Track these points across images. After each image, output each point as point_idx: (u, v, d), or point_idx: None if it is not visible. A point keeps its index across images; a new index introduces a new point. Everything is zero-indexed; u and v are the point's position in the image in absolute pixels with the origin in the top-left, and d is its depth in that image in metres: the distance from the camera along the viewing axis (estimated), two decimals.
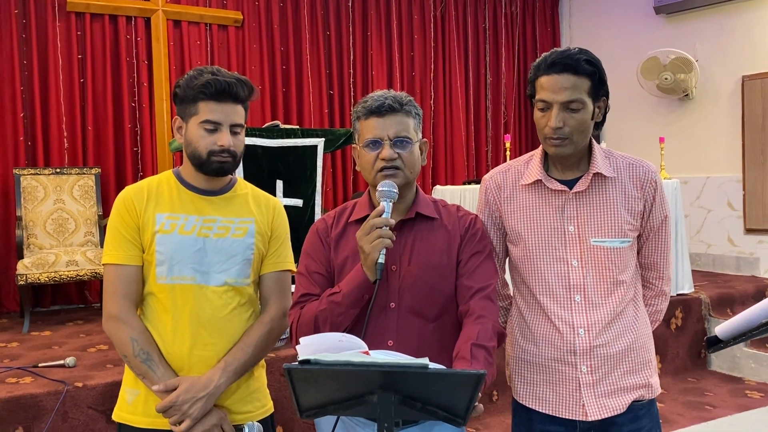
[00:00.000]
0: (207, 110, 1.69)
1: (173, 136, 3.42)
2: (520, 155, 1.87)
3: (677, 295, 4.74)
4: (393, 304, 1.61)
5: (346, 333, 1.41)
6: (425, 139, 1.73)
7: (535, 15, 7.38)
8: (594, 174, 1.71)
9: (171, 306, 1.71)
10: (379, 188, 1.58)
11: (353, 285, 1.55)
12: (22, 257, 4.37)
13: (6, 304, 4.97)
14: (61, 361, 3.23)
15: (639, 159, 1.77)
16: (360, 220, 1.65)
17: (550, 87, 1.63)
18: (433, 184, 6.35)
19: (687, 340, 4.72)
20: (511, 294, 1.92)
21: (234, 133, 1.72)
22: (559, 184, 1.73)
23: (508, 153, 5.44)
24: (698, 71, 6.05)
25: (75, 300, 5.15)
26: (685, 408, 3.98)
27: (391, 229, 1.53)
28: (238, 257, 1.76)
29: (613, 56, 6.50)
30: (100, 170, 5.04)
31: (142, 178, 4.46)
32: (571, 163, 1.73)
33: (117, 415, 1.77)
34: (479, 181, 4.53)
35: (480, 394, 1.25)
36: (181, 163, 1.84)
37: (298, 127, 4.19)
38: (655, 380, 1.78)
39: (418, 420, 1.59)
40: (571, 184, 1.73)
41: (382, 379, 1.21)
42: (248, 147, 3.19)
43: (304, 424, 3.33)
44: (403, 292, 1.61)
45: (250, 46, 5.90)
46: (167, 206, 1.75)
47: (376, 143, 1.62)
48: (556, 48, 1.72)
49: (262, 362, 1.87)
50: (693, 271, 5.10)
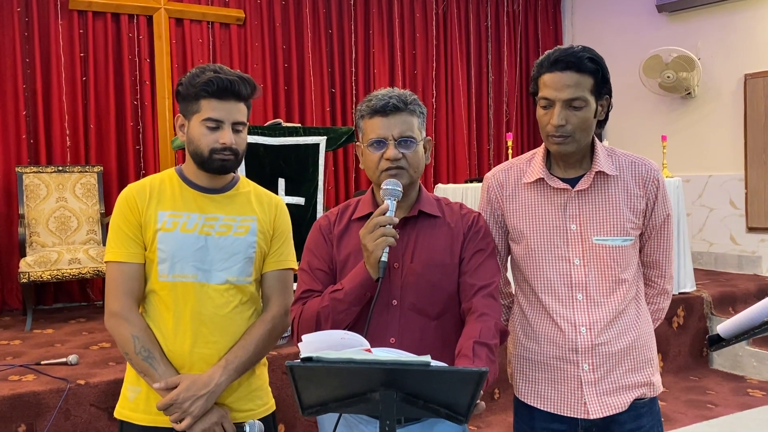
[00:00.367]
0: (209, 108, 1.68)
1: (175, 134, 3.43)
2: (522, 153, 1.87)
3: (679, 293, 4.73)
4: (395, 302, 1.61)
5: (349, 330, 1.41)
6: (429, 138, 1.72)
7: (537, 13, 7.36)
8: (596, 172, 1.70)
9: (172, 304, 1.71)
10: (383, 186, 1.58)
11: (356, 282, 1.55)
12: (25, 255, 4.37)
13: (8, 302, 4.98)
14: (64, 359, 3.24)
15: (641, 157, 1.77)
16: (363, 218, 1.65)
17: (553, 84, 1.62)
18: (435, 183, 6.34)
19: (689, 338, 4.72)
20: (513, 292, 1.92)
21: (236, 131, 1.71)
22: (561, 182, 1.72)
23: (510, 151, 5.43)
24: (700, 69, 6.04)
25: (77, 298, 5.16)
26: (686, 406, 3.98)
27: (394, 227, 1.53)
28: (239, 255, 1.76)
29: (615, 54, 6.48)
30: (102, 168, 5.05)
31: (145, 176, 4.48)
32: (573, 161, 1.73)
33: (119, 413, 1.77)
34: (481, 180, 4.52)
35: (482, 392, 1.25)
36: (184, 161, 1.84)
37: (300, 125, 4.20)
38: (656, 378, 1.78)
39: (420, 417, 1.59)
40: (573, 182, 1.72)
41: (384, 376, 1.21)
42: (250, 145, 3.20)
43: (306, 422, 3.33)
44: (406, 290, 1.61)
45: (252, 44, 5.90)
46: (169, 204, 1.75)
47: (380, 143, 1.61)
48: (559, 45, 1.71)
49: (264, 360, 1.87)
50: (695, 270, 5.09)
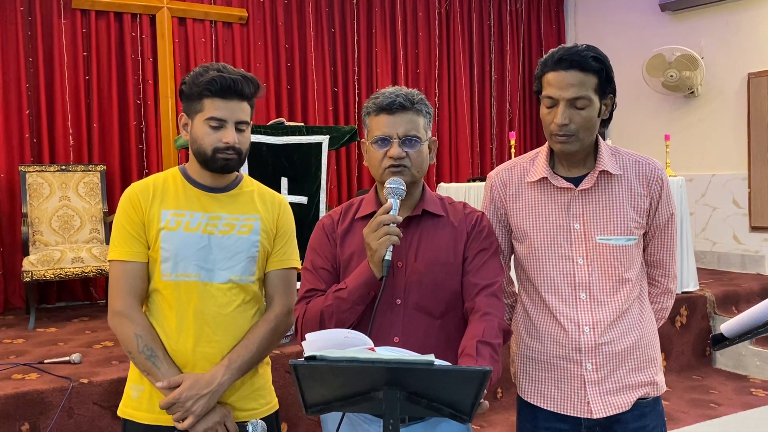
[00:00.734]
0: (212, 107, 1.68)
1: (178, 133, 3.43)
2: (525, 153, 1.87)
3: (682, 292, 4.73)
4: (399, 301, 1.61)
5: (352, 329, 1.41)
6: (434, 138, 1.72)
7: (540, 12, 7.35)
8: (600, 171, 1.70)
9: (175, 303, 1.71)
10: (387, 185, 1.58)
11: (359, 281, 1.55)
12: (28, 254, 4.38)
13: (12, 301, 4.99)
14: (67, 358, 3.24)
15: (645, 156, 1.76)
16: (366, 217, 1.65)
17: (557, 83, 1.62)
18: (438, 182, 6.34)
19: (692, 338, 4.71)
20: (516, 291, 1.92)
21: (239, 131, 1.71)
22: (564, 181, 1.72)
23: (513, 150, 5.43)
24: (704, 68, 6.03)
25: (80, 297, 5.17)
26: (689, 406, 3.97)
27: (398, 226, 1.53)
28: (242, 254, 1.76)
29: (618, 53, 6.46)
30: (105, 167, 5.05)
31: (148, 175, 4.48)
32: (577, 160, 1.72)
33: (122, 411, 1.77)
34: (484, 179, 4.52)
35: (485, 391, 1.25)
36: (187, 160, 1.84)
37: (302, 124, 4.19)
38: (660, 378, 1.77)
39: (423, 416, 1.59)
40: (576, 181, 1.72)
41: (388, 375, 1.21)
42: (253, 144, 3.20)
43: (310, 421, 3.33)
44: (409, 289, 1.61)
45: (254, 43, 5.90)
46: (173, 203, 1.75)
47: (384, 141, 1.61)
48: (563, 44, 1.71)
49: (267, 359, 1.87)
50: (698, 269, 5.08)
